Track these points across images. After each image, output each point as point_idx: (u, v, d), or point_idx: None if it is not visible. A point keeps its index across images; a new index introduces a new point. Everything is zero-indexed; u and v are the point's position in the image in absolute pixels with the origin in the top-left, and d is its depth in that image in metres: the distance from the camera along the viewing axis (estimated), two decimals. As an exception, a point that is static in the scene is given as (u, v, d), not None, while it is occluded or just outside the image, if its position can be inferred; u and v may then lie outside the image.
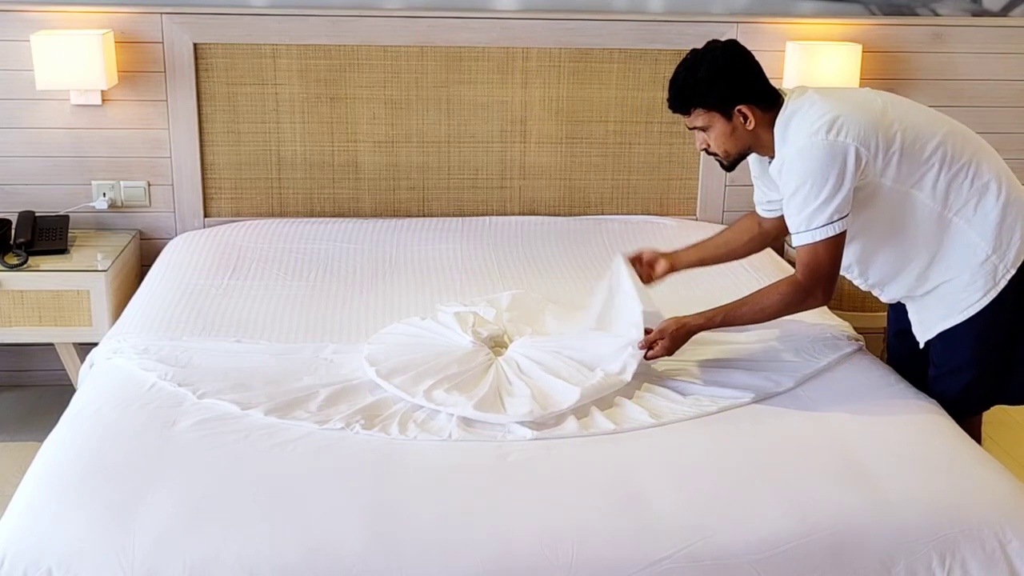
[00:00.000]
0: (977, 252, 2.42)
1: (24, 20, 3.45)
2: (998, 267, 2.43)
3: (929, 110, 2.53)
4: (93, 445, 2.19)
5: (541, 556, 1.90)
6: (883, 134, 2.36)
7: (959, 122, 2.53)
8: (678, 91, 2.44)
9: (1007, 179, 2.46)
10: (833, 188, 2.32)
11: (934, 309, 2.51)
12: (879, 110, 2.40)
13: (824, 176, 2.32)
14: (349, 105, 3.63)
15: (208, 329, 2.77)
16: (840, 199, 2.33)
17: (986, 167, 2.43)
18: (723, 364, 2.61)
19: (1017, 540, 2.01)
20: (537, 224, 3.67)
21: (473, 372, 2.47)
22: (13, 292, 3.24)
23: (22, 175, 3.58)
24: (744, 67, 2.42)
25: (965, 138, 2.47)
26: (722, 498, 2.05)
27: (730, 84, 2.40)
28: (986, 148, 2.50)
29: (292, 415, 2.31)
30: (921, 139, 2.40)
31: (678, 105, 2.46)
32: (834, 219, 2.34)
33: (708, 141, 2.48)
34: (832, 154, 2.32)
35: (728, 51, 2.43)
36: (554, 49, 3.63)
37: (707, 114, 2.43)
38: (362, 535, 1.92)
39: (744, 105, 2.41)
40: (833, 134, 2.32)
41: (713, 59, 2.41)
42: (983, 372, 2.51)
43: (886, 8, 3.72)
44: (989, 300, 2.43)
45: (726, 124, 2.43)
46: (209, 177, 3.65)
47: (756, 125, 2.42)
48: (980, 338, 2.47)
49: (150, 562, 1.86)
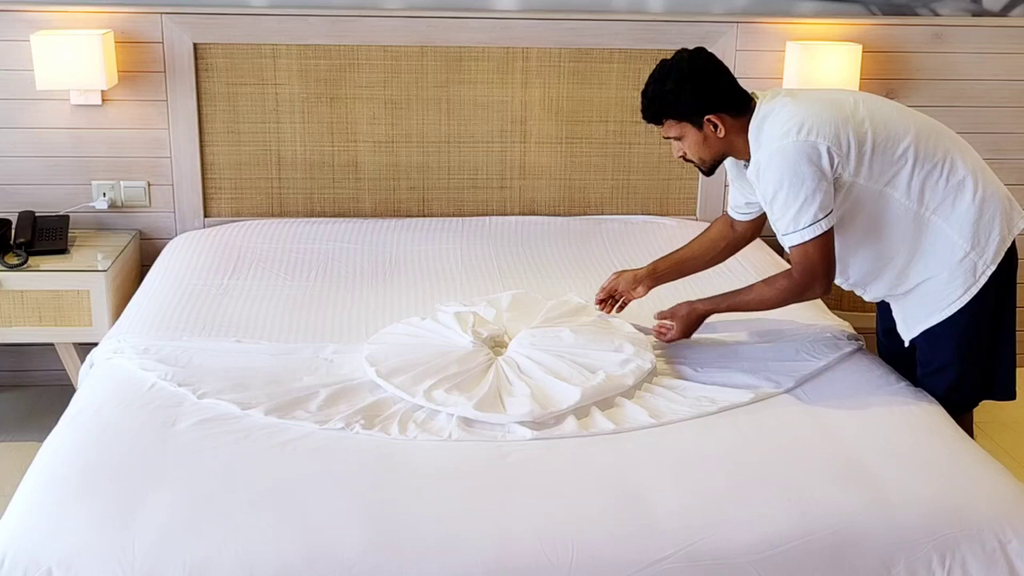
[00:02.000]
0: (955, 250, 2.44)
1: (24, 20, 3.45)
2: (977, 264, 2.44)
3: (903, 108, 2.54)
4: (93, 445, 2.19)
5: (541, 556, 1.90)
6: (854, 132, 2.38)
7: (936, 120, 2.55)
8: (648, 103, 2.49)
9: (983, 176, 2.47)
10: (811, 187, 2.34)
11: (916, 308, 2.53)
12: (850, 109, 2.42)
13: (800, 177, 2.34)
14: (349, 105, 3.63)
15: (208, 329, 2.77)
16: (821, 197, 2.35)
17: (961, 164, 2.45)
18: (723, 364, 2.61)
19: (1017, 540, 2.01)
20: (537, 224, 3.67)
21: (473, 372, 2.47)
22: (13, 292, 3.24)
23: (22, 175, 3.58)
24: (711, 76, 2.45)
25: (939, 135, 2.48)
26: (722, 498, 2.05)
27: (697, 95, 2.43)
28: (961, 145, 2.51)
29: (292, 415, 2.31)
30: (893, 137, 2.41)
31: (650, 116, 2.50)
32: (819, 217, 2.36)
33: (684, 150, 2.52)
34: (804, 154, 2.34)
35: (694, 61, 2.45)
36: (554, 49, 3.63)
37: (678, 124, 2.47)
38: (362, 535, 1.92)
39: (713, 114, 2.44)
40: (803, 134, 2.35)
41: (679, 70, 2.43)
42: (968, 369, 2.53)
43: (886, 8, 3.72)
44: (970, 297, 2.45)
45: (697, 133, 2.47)
46: (209, 177, 3.65)
47: (727, 132, 2.45)
48: (963, 335, 2.49)
49: (150, 562, 1.86)
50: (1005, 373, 2.57)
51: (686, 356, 2.66)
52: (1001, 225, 2.45)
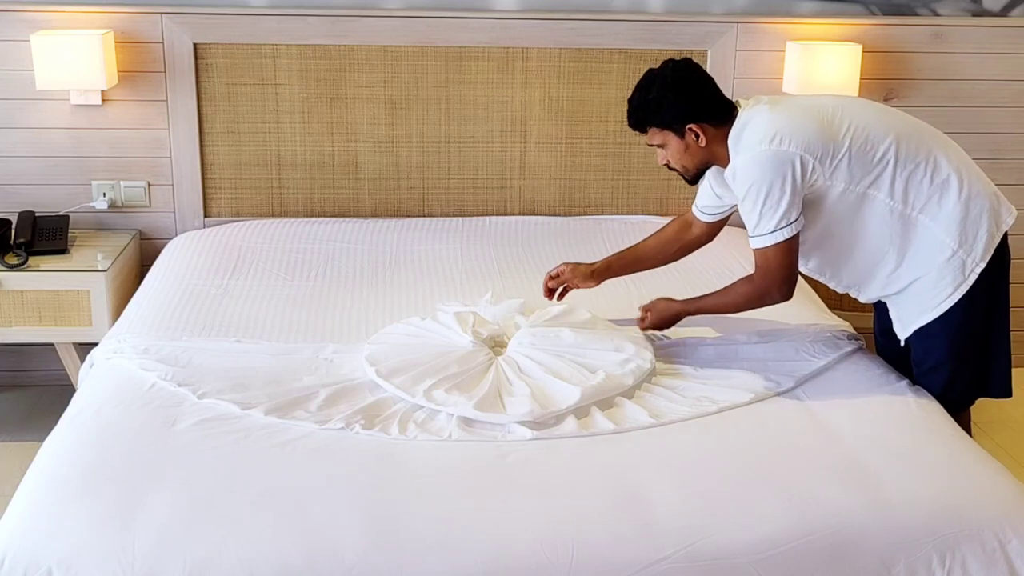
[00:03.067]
0: (943, 248, 2.46)
1: (24, 20, 3.45)
2: (966, 262, 2.46)
3: (886, 110, 2.58)
4: (93, 445, 2.19)
5: (541, 556, 1.90)
6: (830, 139, 2.42)
7: (924, 121, 2.58)
8: (633, 111, 2.56)
9: (968, 174, 2.49)
10: (778, 195, 2.40)
11: (910, 307, 2.54)
12: (828, 116, 2.46)
13: (768, 184, 2.40)
14: (349, 105, 3.63)
15: (208, 329, 2.77)
16: (785, 205, 2.40)
17: (945, 163, 2.47)
18: (723, 364, 2.61)
19: (1017, 540, 2.01)
20: (537, 224, 3.67)
21: (473, 372, 2.47)
22: (13, 292, 3.24)
23: (22, 175, 3.58)
24: (693, 87, 2.51)
25: (921, 135, 2.51)
26: (722, 498, 2.05)
27: (679, 104, 2.49)
28: (945, 143, 2.54)
29: (292, 415, 2.31)
30: (873, 140, 2.45)
31: (634, 124, 2.58)
32: (781, 225, 2.42)
33: (668, 158, 2.58)
34: (776, 163, 2.40)
35: (678, 71, 2.51)
36: (554, 49, 3.63)
37: (661, 133, 2.54)
38: (362, 535, 1.92)
39: (695, 123, 2.49)
40: (776, 143, 2.40)
41: (663, 79, 2.50)
42: (962, 366, 2.54)
43: (886, 8, 3.72)
44: (960, 295, 2.47)
45: (680, 142, 2.53)
46: (209, 177, 3.65)
47: (709, 142, 2.51)
48: (956, 333, 2.50)
49: (150, 562, 1.86)
50: (1000, 370, 2.58)
51: (686, 356, 2.66)
52: (989, 222, 2.47)
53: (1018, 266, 3.83)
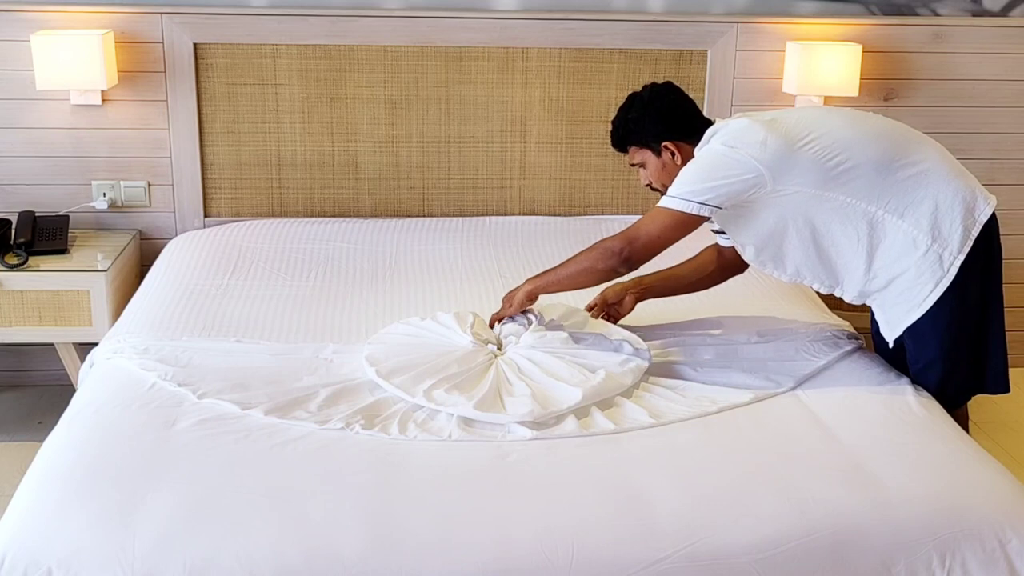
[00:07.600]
0: (917, 244, 2.46)
1: (24, 20, 3.45)
2: (943, 256, 2.45)
3: (855, 115, 2.59)
4: (93, 445, 2.19)
5: (541, 556, 1.90)
6: (788, 148, 2.44)
7: (898, 120, 2.62)
8: (614, 130, 2.69)
9: (938, 168, 2.50)
10: (707, 176, 2.47)
11: (895, 306, 2.54)
12: (791, 124, 2.49)
13: (707, 167, 2.49)
14: (349, 105, 3.63)
15: (208, 329, 2.77)
16: (707, 190, 2.46)
17: (913, 159, 2.48)
18: (723, 364, 2.61)
19: (1017, 540, 2.01)
20: (537, 224, 3.67)
21: (473, 372, 2.47)
22: (13, 292, 3.24)
23: (22, 175, 3.58)
24: (670, 107, 2.62)
25: (891, 134, 2.53)
26: (722, 498, 2.05)
27: (656, 123, 2.61)
28: (915, 140, 2.55)
29: (292, 415, 2.31)
30: (836, 146, 2.46)
31: (615, 143, 2.70)
32: (686, 197, 2.47)
33: (649, 177, 2.67)
34: (725, 158, 2.46)
35: (655, 93, 2.64)
36: (554, 49, 3.63)
37: (640, 151, 2.66)
38: (362, 535, 1.92)
39: (670, 142, 2.59)
40: (730, 144, 2.46)
41: (641, 101, 2.64)
42: (956, 362, 2.54)
43: (886, 8, 3.72)
44: (943, 289, 2.46)
45: (657, 160, 2.64)
46: (209, 177, 3.65)
47: (684, 159, 2.58)
48: (946, 329, 2.50)
49: (150, 562, 1.86)
50: (996, 365, 2.57)
51: (686, 356, 2.66)
52: (962, 214, 2.46)
53: (1018, 266, 3.85)
